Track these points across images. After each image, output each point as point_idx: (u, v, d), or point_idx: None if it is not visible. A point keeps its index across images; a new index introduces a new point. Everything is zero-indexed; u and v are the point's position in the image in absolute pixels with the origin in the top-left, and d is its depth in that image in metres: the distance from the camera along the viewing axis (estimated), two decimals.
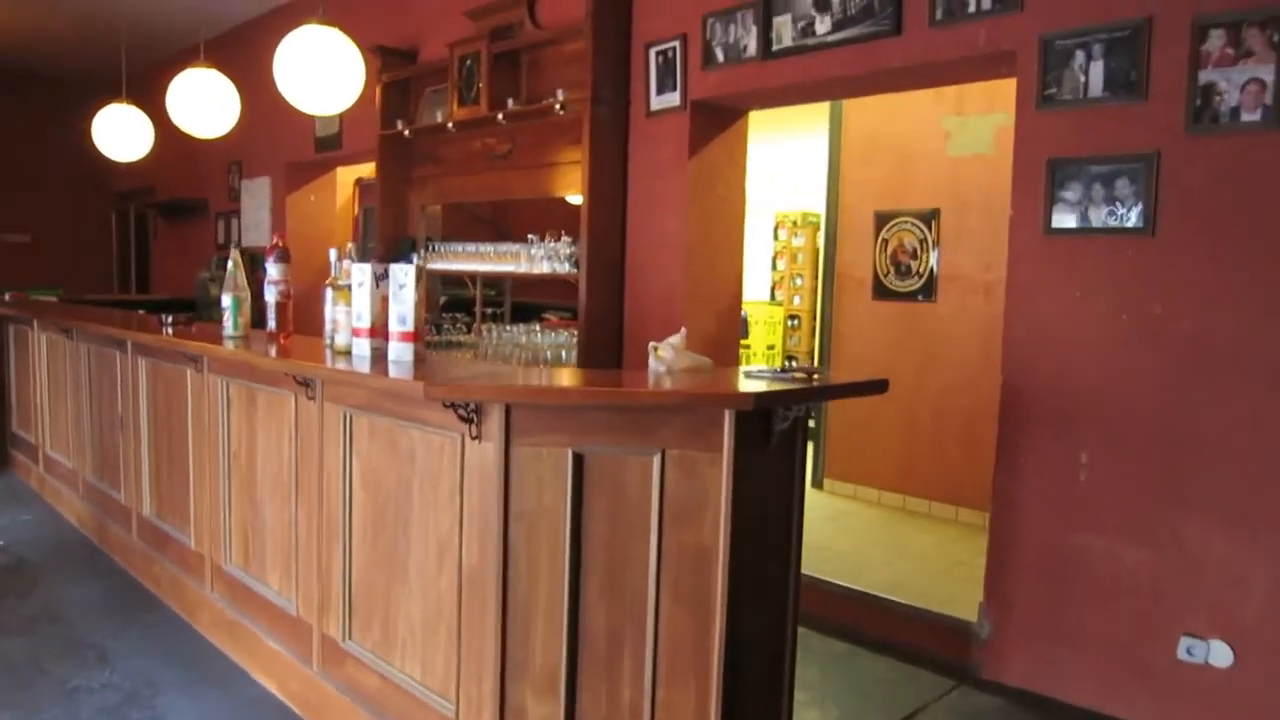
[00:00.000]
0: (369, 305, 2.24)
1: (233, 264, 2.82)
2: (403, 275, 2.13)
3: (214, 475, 3.23)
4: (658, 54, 3.98)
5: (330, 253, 2.46)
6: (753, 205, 7.98)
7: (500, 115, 4.36)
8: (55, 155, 8.65)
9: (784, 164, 7.69)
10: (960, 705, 2.93)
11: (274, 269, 2.69)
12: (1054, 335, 2.88)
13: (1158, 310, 2.66)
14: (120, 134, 4.31)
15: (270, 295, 2.72)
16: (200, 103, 3.53)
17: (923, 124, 4.92)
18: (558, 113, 4.12)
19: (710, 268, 4.03)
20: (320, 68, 2.77)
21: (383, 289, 2.21)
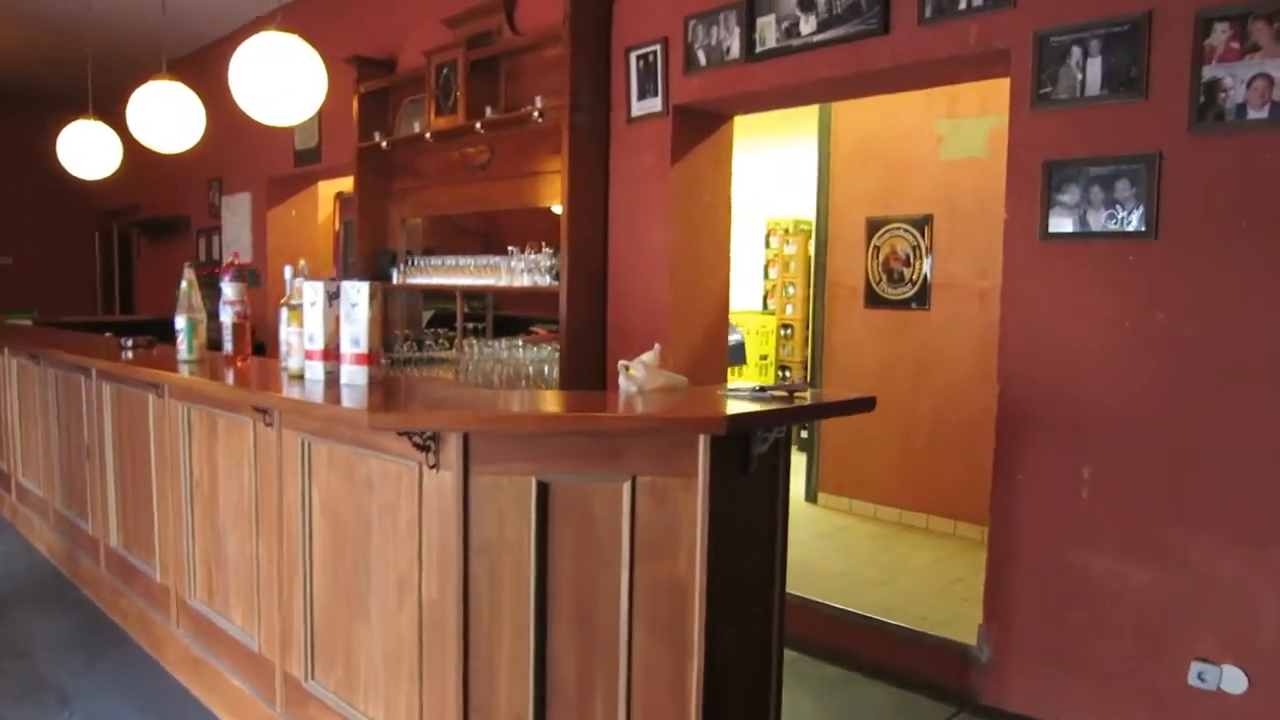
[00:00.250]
0: (321, 326, 2.10)
1: (186, 284, 2.69)
2: (355, 293, 1.99)
3: (177, 505, 3.08)
4: (638, 58, 3.85)
5: (285, 270, 2.32)
6: (744, 213, 7.83)
7: (478, 124, 4.24)
8: (35, 175, 8.50)
9: (775, 170, 7.57)
10: None
11: (229, 289, 2.56)
12: (1052, 344, 2.74)
13: (1161, 318, 2.52)
14: (86, 151, 4.17)
15: (226, 316, 2.58)
16: (162, 116, 3.40)
17: (914, 127, 4.80)
18: (536, 120, 4.00)
19: (695, 278, 3.89)
20: (278, 76, 2.64)
21: (335, 308, 2.08)
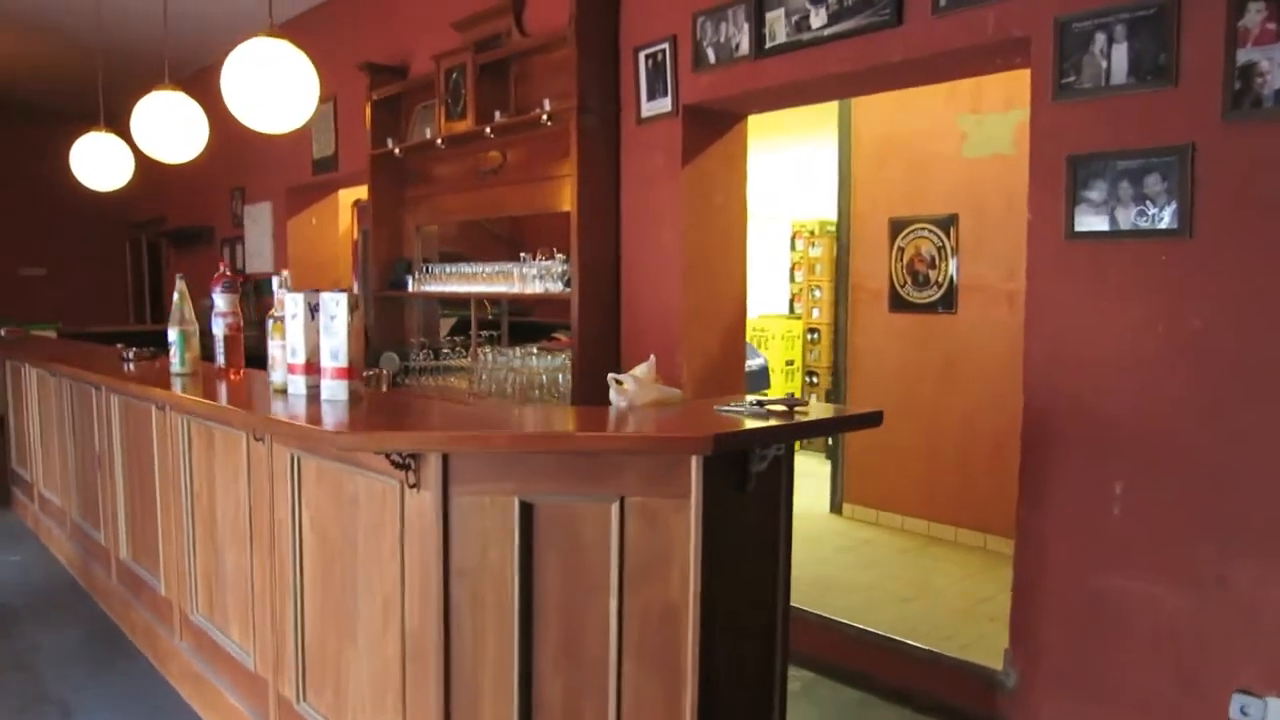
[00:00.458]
0: (303, 339, 2.03)
1: (178, 295, 2.63)
2: (334, 305, 1.91)
3: (179, 517, 3.04)
4: (647, 57, 3.75)
5: (273, 280, 2.25)
6: (769, 215, 7.66)
7: (488, 129, 4.17)
8: (66, 189, 8.60)
9: (800, 171, 7.42)
10: None
11: (221, 300, 2.50)
12: (1080, 352, 2.58)
13: (1197, 323, 2.35)
14: (99, 163, 4.17)
15: (218, 328, 2.52)
16: (165, 126, 3.36)
17: (937, 124, 4.63)
18: (545, 123, 3.91)
19: (709, 283, 3.77)
20: (269, 82, 2.57)
21: (318, 321, 2.00)
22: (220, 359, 2.57)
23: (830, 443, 5.56)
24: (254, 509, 2.52)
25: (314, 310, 2.01)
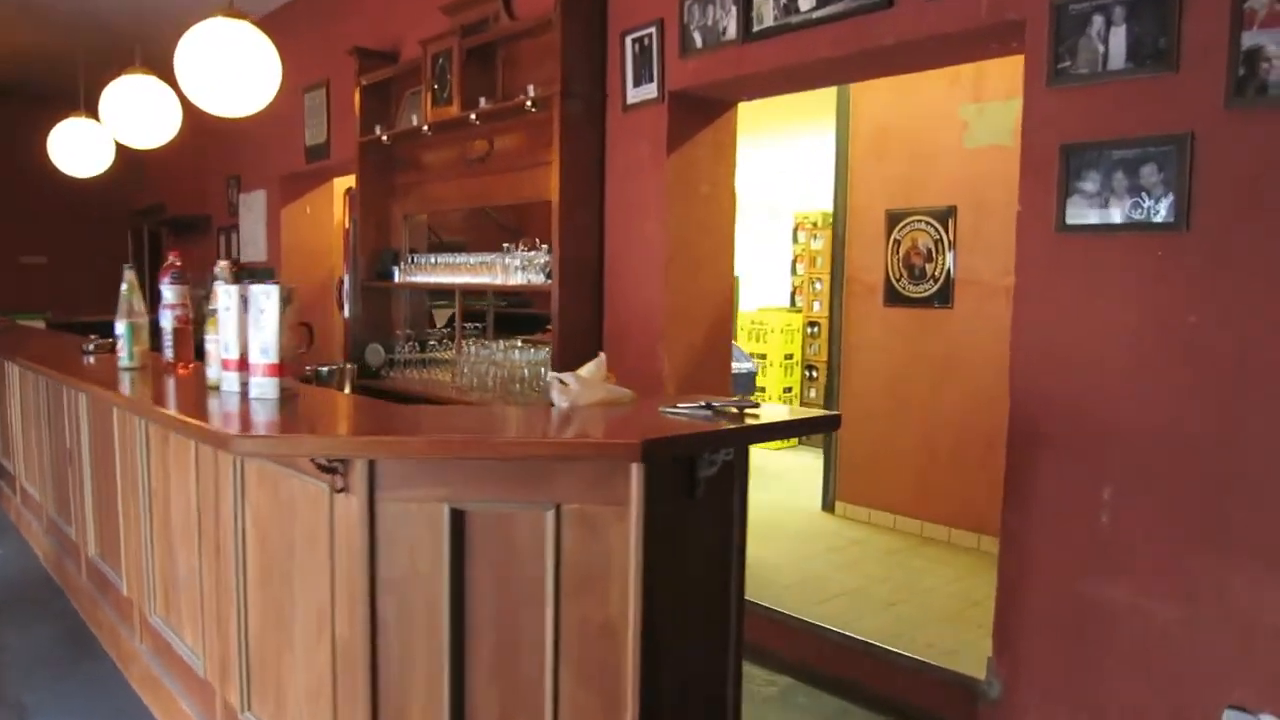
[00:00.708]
0: (235, 334, 1.92)
1: (126, 286, 2.54)
2: (263, 299, 1.81)
3: (138, 515, 2.95)
4: (633, 41, 3.62)
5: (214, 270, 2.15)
6: (772, 207, 7.49)
7: (473, 115, 4.05)
8: (65, 176, 8.57)
9: (802, 162, 7.26)
10: None
11: (169, 292, 2.40)
12: (1070, 350, 2.45)
13: (1193, 320, 2.21)
14: (77, 148, 4.09)
15: (166, 321, 2.42)
16: (136, 110, 3.27)
17: (937, 113, 4.48)
18: (530, 110, 3.79)
19: (693, 275, 3.65)
20: (226, 64, 2.47)
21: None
22: (168, 352, 2.47)
23: (826, 439, 5.42)
24: (202, 509, 2.43)
25: (247, 303, 1.90)
